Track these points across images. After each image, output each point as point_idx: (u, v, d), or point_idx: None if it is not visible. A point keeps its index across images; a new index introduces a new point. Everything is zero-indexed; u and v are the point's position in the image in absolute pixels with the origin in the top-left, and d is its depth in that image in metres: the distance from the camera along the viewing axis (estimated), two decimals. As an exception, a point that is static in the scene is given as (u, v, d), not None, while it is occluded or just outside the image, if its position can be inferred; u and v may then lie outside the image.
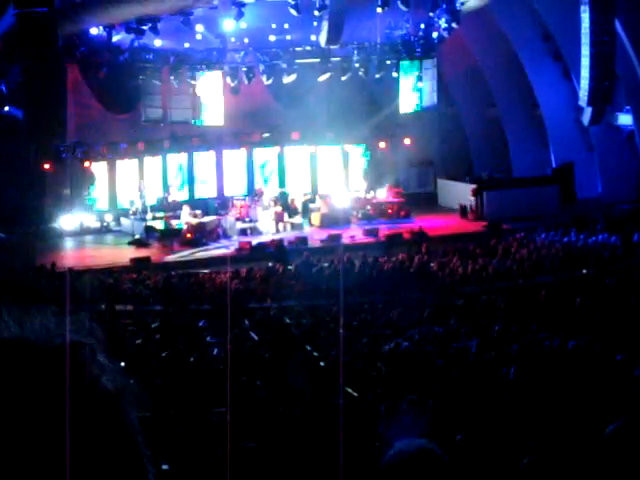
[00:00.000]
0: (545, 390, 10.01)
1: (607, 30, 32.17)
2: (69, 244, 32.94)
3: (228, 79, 35.39)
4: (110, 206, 35.24)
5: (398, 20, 35.58)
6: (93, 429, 1.28)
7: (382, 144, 39.38)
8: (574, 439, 6.54)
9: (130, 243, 32.21)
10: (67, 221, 33.97)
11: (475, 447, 6.61)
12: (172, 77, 34.90)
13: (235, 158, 37.80)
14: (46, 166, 33.53)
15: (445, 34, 34.96)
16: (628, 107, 33.65)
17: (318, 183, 38.35)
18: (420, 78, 37.52)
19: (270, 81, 35.68)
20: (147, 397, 1.45)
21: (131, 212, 34.21)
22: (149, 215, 33.50)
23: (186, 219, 32.58)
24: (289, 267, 26.77)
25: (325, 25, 33.87)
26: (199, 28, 33.28)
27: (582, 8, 32.09)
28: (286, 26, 34.68)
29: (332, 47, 35.43)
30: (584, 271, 24.80)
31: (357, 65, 36.26)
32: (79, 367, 1.29)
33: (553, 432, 7.37)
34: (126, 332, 18.35)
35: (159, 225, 32.88)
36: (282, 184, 37.83)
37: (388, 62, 36.81)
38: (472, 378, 11.37)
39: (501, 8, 35.05)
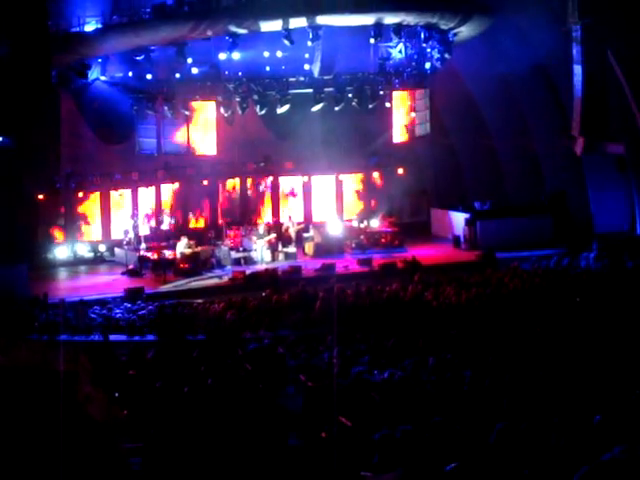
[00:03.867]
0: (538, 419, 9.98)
1: (599, 61, 32.36)
2: (63, 274, 32.89)
3: (222, 109, 35.47)
4: (103, 236, 35.28)
5: (391, 51, 35.75)
6: (79, 456, 1.28)
7: (375, 174, 39.52)
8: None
9: (124, 273, 32.19)
10: (61, 251, 34.01)
11: (466, 477, 6.60)
12: (166, 108, 34.98)
13: (229, 188, 37.87)
14: (39, 196, 33.54)
15: (438, 64, 35.11)
16: (620, 137, 33.70)
17: (312, 212, 38.41)
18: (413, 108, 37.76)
19: (264, 111, 35.77)
20: (137, 427, 1.45)
21: (124, 242, 34.18)
22: (142, 245, 33.47)
23: (182, 249, 32.55)
24: (283, 297, 26.71)
25: (318, 56, 34.06)
26: (192, 59, 33.33)
27: (574, 38, 32.31)
28: (279, 54, 34.77)
29: (325, 77, 35.58)
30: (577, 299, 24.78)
31: (350, 95, 36.38)
32: (64, 395, 1.30)
33: (545, 462, 7.35)
34: (120, 362, 18.27)
35: (153, 255, 32.87)
36: (276, 213, 37.89)
37: (381, 92, 36.95)
38: (466, 408, 11.34)
39: (494, 39, 35.24)
